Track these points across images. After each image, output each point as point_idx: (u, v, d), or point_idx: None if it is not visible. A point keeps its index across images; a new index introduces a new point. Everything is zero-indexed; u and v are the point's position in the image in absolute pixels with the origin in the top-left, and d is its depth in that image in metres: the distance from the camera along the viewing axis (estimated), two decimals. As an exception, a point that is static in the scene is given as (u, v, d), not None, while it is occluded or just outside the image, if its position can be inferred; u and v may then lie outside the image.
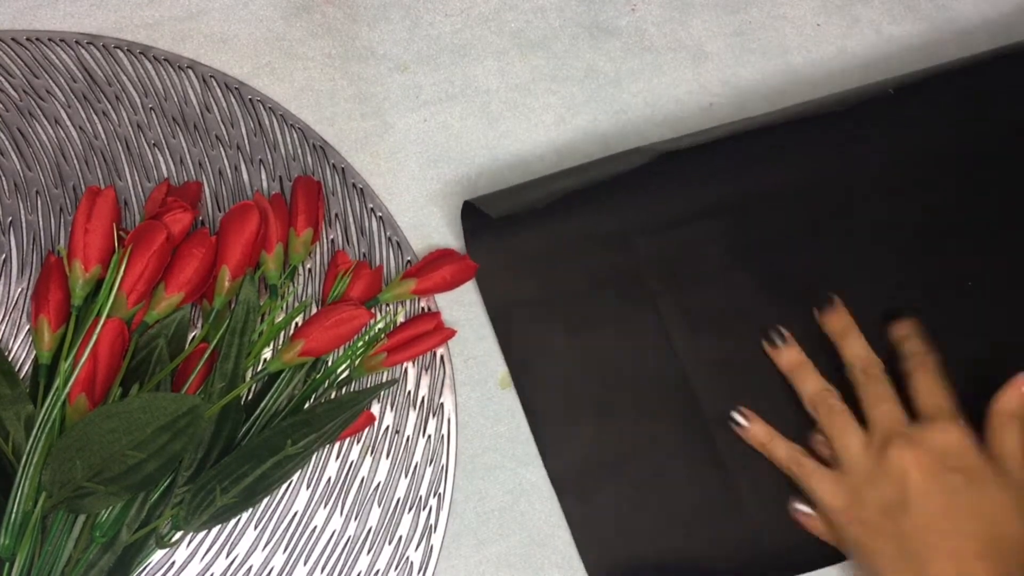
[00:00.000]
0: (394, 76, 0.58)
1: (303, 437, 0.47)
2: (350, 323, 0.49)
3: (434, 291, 0.52)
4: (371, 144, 0.57)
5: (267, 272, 0.51)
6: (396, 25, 0.59)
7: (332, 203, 0.55)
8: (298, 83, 0.57)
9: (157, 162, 0.54)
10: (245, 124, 0.56)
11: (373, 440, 0.52)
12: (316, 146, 0.56)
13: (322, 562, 0.51)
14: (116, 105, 0.55)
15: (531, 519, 0.53)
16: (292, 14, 0.58)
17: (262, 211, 0.50)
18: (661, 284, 0.54)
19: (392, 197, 0.56)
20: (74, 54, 0.55)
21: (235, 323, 0.48)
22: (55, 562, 0.45)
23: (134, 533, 0.46)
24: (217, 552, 0.50)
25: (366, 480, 0.52)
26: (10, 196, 0.53)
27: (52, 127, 0.54)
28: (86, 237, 0.47)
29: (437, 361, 0.54)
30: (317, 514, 0.51)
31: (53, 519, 0.45)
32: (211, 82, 0.56)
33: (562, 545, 0.53)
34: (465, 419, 0.54)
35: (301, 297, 0.53)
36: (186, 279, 0.48)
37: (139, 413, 0.43)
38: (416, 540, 0.51)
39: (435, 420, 0.53)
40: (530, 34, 0.59)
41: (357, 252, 0.55)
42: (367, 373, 0.52)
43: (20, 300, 0.52)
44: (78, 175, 0.54)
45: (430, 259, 0.53)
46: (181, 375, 0.48)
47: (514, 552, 0.52)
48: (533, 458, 0.53)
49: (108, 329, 0.46)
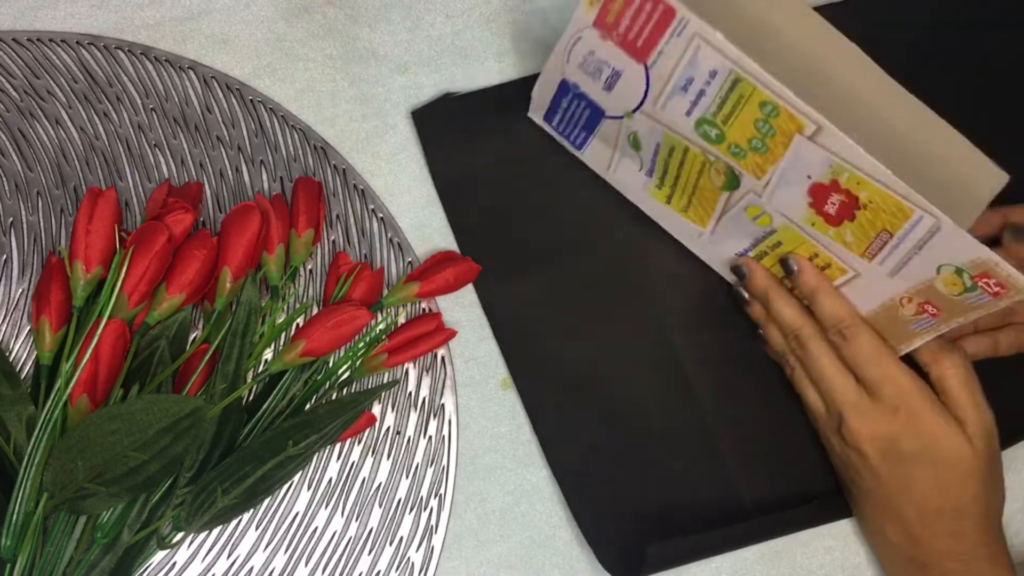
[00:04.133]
0: (395, 77, 0.58)
1: (304, 438, 0.47)
2: (351, 324, 0.49)
3: (437, 294, 0.52)
4: (372, 145, 0.57)
5: (268, 273, 0.51)
6: (397, 26, 0.59)
7: (333, 204, 0.55)
8: (299, 84, 0.57)
9: (158, 163, 0.54)
10: (246, 125, 0.56)
11: (374, 441, 0.52)
12: (317, 147, 0.56)
13: (323, 563, 0.51)
14: (117, 106, 0.55)
15: (532, 520, 0.53)
16: (293, 15, 0.58)
17: (263, 212, 0.50)
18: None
19: (393, 198, 0.56)
20: (75, 55, 0.55)
21: (236, 324, 0.48)
22: (56, 563, 0.45)
23: (135, 534, 0.46)
24: (218, 553, 0.50)
25: (367, 481, 0.52)
26: (11, 196, 0.53)
27: (53, 128, 0.54)
28: (87, 238, 0.47)
29: (438, 362, 0.54)
30: (318, 515, 0.51)
31: (55, 520, 0.45)
32: (212, 83, 0.56)
33: (563, 546, 0.53)
34: (466, 420, 0.54)
35: (302, 298, 0.53)
36: (187, 280, 0.48)
37: (141, 414, 0.43)
38: (417, 541, 0.51)
39: (436, 421, 0.53)
40: (531, 35, 0.59)
41: (358, 253, 0.55)
42: (368, 374, 0.52)
43: (21, 301, 0.52)
44: (79, 176, 0.54)
45: (432, 262, 0.53)
46: (183, 376, 0.48)
47: (515, 553, 0.53)
48: (534, 459, 0.53)
49: (109, 330, 0.46)
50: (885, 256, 0.46)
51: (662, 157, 0.51)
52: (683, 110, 0.47)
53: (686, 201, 0.53)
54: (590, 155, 0.56)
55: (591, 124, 0.53)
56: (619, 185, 0.56)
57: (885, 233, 0.45)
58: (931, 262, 0.45)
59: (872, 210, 0.45)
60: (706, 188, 0.50)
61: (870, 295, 0.49)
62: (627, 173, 0.54)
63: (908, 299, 0.47)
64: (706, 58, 0.44)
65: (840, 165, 0.44)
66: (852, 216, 0.46)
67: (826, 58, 0.49)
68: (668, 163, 0.51)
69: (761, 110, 0.44)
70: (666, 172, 0.52)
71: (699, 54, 0.44)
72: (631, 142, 0.52)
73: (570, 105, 0.53)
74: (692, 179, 0.51)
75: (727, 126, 0.46)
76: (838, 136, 0.43)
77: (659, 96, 0.48)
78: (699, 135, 0.48)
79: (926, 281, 0.45)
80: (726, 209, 0.51)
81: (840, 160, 0.44)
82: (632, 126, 0.51)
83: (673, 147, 0.50)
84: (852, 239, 0.47)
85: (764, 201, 0.48)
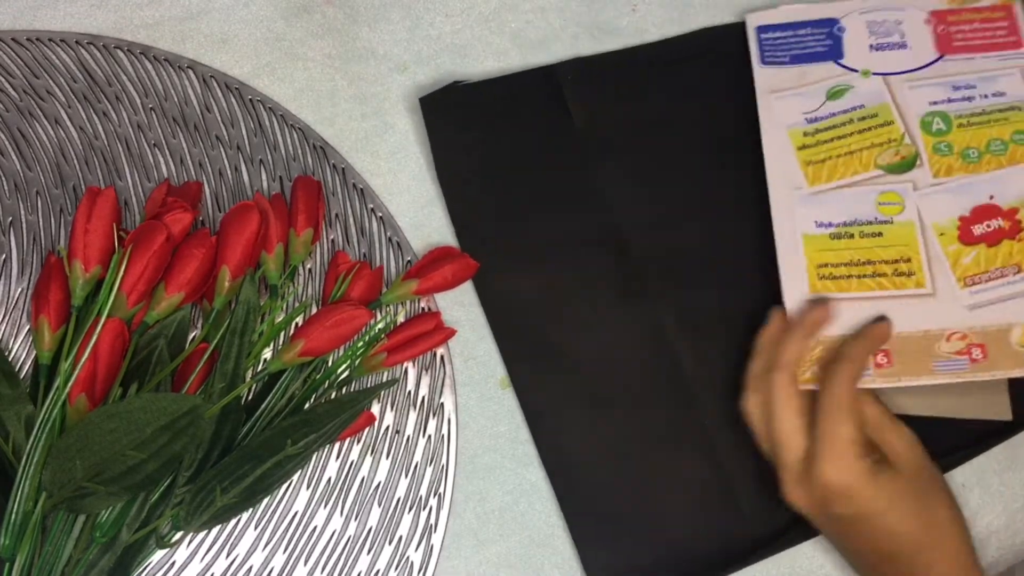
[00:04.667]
0: (394, 76, 0.58)
1: (303, 437, 0.47)
2: (350, 323, 0.49)
3: (435, 290, 0.52)
4: (371, 144, 0.57)
5: (267, 272, 0.51)
6: (396, 25, 0.59)
7: (332, 203, 0.55)
8: (298, 83, 0.57)
9: (157, 162, 0.54)
10: (245, 124, 0.56)
11: (373, 440, 0.52)
12: (316, 146, 0.56)
13: (322, 562, 0.51)
14: (116, 105, 0.55)
15: (531, 519, 0.53)
16: (292, 14, 0.58)
17: (262, 211, 0.50)
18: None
19: (392, 197, 0.56)
20: (74, 54, 0.55)
21: (235, 323, 0.48)
22: (55, 562, 0.45)
23: (134, 533, 0.46)
24: (217, 552, 0.50)
25: (366, 480, 0.52)
26: (10, 196, 0.53)
27: (52, 127, 0.54)
28: (86, 237, 0.47)
29: (437, 361, 0.54)
30: (317, 514, 0.51)
31: (53, 519, 0.45)
32: (211, 82, 0.56)
33: (562, 545, 0.53)
34: (465, 419, 0.54)
35: (301, 297, 0.53)
36: (186, 279, 0.48)
37: (139, 413, 0.43)
38: (416, 540, 0.51)
39: (435, 420, 0.53)
40: (530, 34, 0.59)
41: (357, 252, 0.55)
42: (367, 373, 0.52)
43: (20, 300, 0.52)
44: (78, 175, 0.54)
45: (430, 258, 0.53)
46: (181, 375, 0.48)
47: (514, 552, 0.52)
48: (533, 458, 0.53)
49: (108, 329, 0.46)
50: (986, 289, 0.49)
51: (849, 116, 0.54)
52: (931, 99, 0.53)
53: (821, 158, 0.54)
54: (769, 74, 0.56)
55: (808, 57, 0.56)
56: (766, 109, 0.56)
57: (1013, 268, 0.49)
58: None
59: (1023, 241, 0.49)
60: (862, 159, 0.53)
61: (925, 317, 0.50)
62: (789, 106, 0.56)
63: (962, 336, 0.49)
64: (1008, 82, 0.53)
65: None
66: (996, 242, 0.50)
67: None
68: (848, 123, 0.54)
69: (1013, 134, 0.51)
70: (833, 128, 0.54)
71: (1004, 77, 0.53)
72: (831, 91, 0.55)
73: (808, 36, 0.57)
74: (856, 146, 0.54)
75: (960, 128, 0.52)
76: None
77: (922, 79, 0.54)
78: (921, 121, 0.53)
79: (1005, 324, 0.48)
80: (862, 183, 0.53)
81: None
82: (854, 81, 0.55)
83: (876, 115, 0.53)
84: (970, 262, 0.50)
85: (915, 195, 0.51)
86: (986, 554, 0.53)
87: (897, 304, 0.50)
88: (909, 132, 0.53)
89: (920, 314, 0.50)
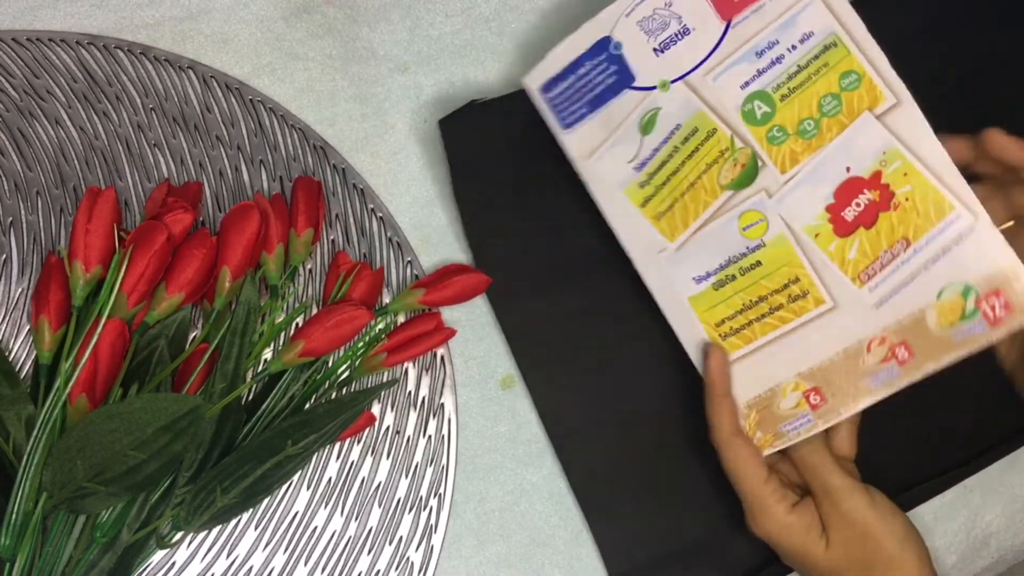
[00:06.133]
0: (394, 77, 0.58)
1: (303, 437, 0.47)
2: (351, 324, 0.49)
3: (443, 304, 0.52)
4: (371, 144, 0.57)
5: (268, 272, 0.51)
6: (396, 26, 0.59)
7: (332, 203, 0.55)
8: (299, 83, 0.57)
9: (157, 162, 0.54)
10: (245, 124, 0.56)
11: (373, 440, 0.52)
12: (316, 146, 0.56)
13: (322, 562, 0.51)
14: (116, 105, 0.55)
15: (531, 519, 0.53)
16: (293, 15, 0.58)
17: (263, 211, 0.50)
18: None
19: (392, 197, 0.56)
20: (75, 54, 0.55)
21: (236, 323, 0.48)
22: (55, 562, 0.45)
23: (135, 533, 0.46)
24: (218, 553, 0.50)
25: (366, 480, 0.52)
26: (10, 196, 0.53)
27: (53, 127, 0.54)
28: (87, 237, 0.47)
29: (437, 361, 0.54)
30: (318, 514, 0.51)
31: (54, 519, 0.45)
32: (212, 82, 0.56)
33: (562, 545, 0.53)
34: (466, 420, 0.54)
35: (302, 298, 0.53)
36: (187, 279, 0.48)
37: (140, 413, 0.43)
38: (416, 540, 0.51)
39: (435, 421, 0.53)
40: (531, 35, 0.59)
41: (358, 253, 0.55)
42: (367, 373, 0.52)
43: (21, 300, 0.52)
44: (78, 175, 0.54)
45: (442, 273, 0.52)
46: (182, 376, 0.48)
47: (514, 552, 0.52)
48: (533, 458, 0.53)
49: (109, 329, 0.46)
50: (884, 279, 0.44)
51: (672, 144, 0.48)
52: (741, 81, 0.46)
53: (667, 205, 0.49)
54: (576, 138, 0.51)
55: (603, 97, 0.49)
56: (591, 177, 0.51)
57: (901, 243, 0.43)
58: (937, 281, 0.43)
59: (902, 211, 0.43)
60: (706, 187, 0.48)
61: (838, 335, 0.46)
62: (611, 163, 0.50)
63: (881, 340, 0.44)
64: (809, 17, 0.43)
65: (895, 151, 0.43)
66: (872, 221, 0.44)
67: None
68: (674, 153, 0.48)
69: (841, 81, 0.43)
70: (663, 165, 0.49)
71: (804, 12, 0.44)
72: (643, 123, 0.49)
73: (590, 72, 0.49)
74: (694, 174, 0.48)
75: (785, 102, 0.45)
76: (914, 113, 0.42)
77: (721, 62, 0.46)
78: (742, 113, 0.46)
79: (917, 311, 0.43)
80: (717, 215, 0.48)
81: (899, 145, 0.43)
82: (658, 101, 0.48)
83: (696, 129, 0.47)
84: (856, 255, 0.45)
85: (772, 203, 0.46)
86: (986, 554, 0.54)
87: (806, 332, 0.46)
88: (737, 133, 0.47)
89: (833, 334, 0.46)
